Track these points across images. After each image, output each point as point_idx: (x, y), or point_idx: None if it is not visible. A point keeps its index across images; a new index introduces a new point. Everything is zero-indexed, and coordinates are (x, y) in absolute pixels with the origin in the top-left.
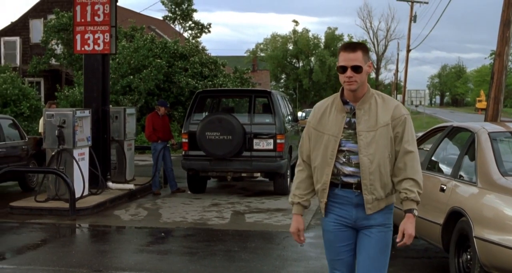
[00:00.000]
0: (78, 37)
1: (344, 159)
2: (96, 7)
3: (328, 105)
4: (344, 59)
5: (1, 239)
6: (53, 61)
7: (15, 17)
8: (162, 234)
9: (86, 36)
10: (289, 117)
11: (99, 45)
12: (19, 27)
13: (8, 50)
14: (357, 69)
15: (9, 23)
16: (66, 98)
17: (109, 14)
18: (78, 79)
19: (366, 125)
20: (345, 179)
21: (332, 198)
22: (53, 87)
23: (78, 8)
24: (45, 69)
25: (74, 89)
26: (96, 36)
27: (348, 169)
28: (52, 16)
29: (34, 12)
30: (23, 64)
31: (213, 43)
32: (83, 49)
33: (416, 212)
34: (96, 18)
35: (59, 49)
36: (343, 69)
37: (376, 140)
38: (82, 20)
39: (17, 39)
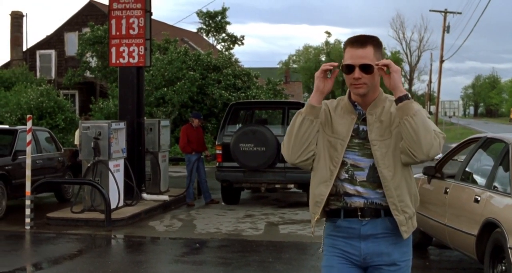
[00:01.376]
0: (113, 50)
1: (346, 175)
2: (131, 20)
3: (332, 105)
4: (351, 56)
5: (39, 249)
6: (87, 74)
7: (50, 31)
8: (197, 245)
9: (121, 49)
10: None
11: (134, 58)
12: (54, 40)
13: (44, 63)
14: (366, 68)
15: (44, 36)
16: (100, 110)
17: (144, 27)
18: (113, 91)
19: (379, 133)
20: (349, 200)
21: (334, 231)
22: (88, 99)
23: (113, 21)
24: (80, 81)
25: (108, 101)
26: (131, 49)
27: (351, 188)
28: (87, 29)
29: (69, 26)
30: (58, 77)
31: (246, 55)
32: (118, 62)
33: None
34: (131, 31)
35: (93, 62)
36: (349, 68)
37: (392, 148)
38: (117, 33)
39: (52, 52)
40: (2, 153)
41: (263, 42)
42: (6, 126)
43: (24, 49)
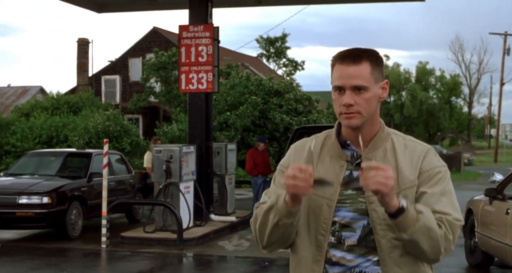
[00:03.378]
0: (182, 76)
1: (332, 238)
2: (200, 48)
3: (315, 148)
4: (340, 75)
5: (116, 266)
6: (152, 99)
7: (113, 56)
8: (266, 263)
9: (191, 75)
10: None
11: (202, 84)
12: (119, 66)
13: (108, 88)
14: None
15: (108, 62)
16: (164, 134)
17: (212, 54)
18: (176, 115)
19: None
20: (330, 270)
21: None
22: (151, 123)
23: (183, 49)
24: (144, 106)
25: (172, 125)
26: (200, 75)
27: (338, 255)
28: (150, 55)
29: (133, 52)
30: (122, 102)
31: (304, 78)
32: (187, 88)
33: (404, 203)
34: (200, 59)
35: (157, 87)
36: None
37: None
38: (187, 61)
39: (116, 78)
40: (78, 175)
41: (321, 65)
42: (73, 149)
43: (90, 74)
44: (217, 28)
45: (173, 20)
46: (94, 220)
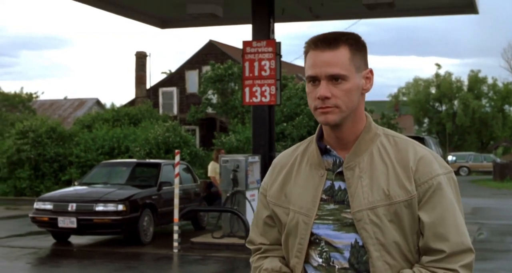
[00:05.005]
0: (246, 90)
1: (320, 260)
2: (262, 62)
3: (296, 158)
4: (314, 63)
5: (190, 269)
6: (209, 110)
7: (166, 68)
8: None
9: (254, 89)
10: None
11: (265, 97)
12: (176, 78)
13: (166, 100)
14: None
15: (165, 75)
16: (222, 144)
17: (275, 68)
18: (234, 126)
19: (367, 198)
20: None
21: None
22: (208, 134)
23: (246, 64)
24: (201, 117)
25: (230, 136)
26: (263, 89)
27: None
28: (207, 68)
29: (189, 64)
30: (180, 113)
31: None
32: (251, 100)
33: None
34: (263, 73)
35: (214, 99)
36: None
37: (392, 222)
38: (250, 75)
39: (174, 90)
40: (148, 184)
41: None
42: (143, 160)
43: (148, 86)
44: (279, 43)
45: (229, 33)
46: (161, 227)
